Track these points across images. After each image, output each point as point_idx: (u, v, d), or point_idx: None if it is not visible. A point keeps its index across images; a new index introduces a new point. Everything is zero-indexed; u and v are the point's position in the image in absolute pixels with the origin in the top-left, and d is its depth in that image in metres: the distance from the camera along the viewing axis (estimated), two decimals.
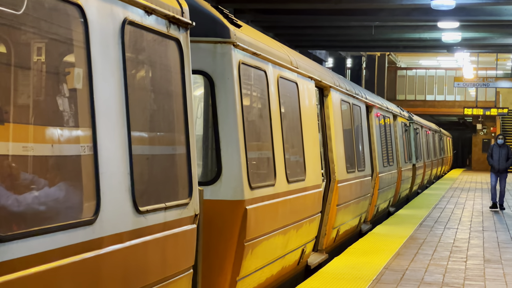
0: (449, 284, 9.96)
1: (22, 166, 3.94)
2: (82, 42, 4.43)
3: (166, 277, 5.41)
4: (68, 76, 4.44)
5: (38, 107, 4.12)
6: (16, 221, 3.76)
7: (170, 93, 5.80)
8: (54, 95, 4.30)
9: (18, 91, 4.01)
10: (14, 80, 3.99)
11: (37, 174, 4.05)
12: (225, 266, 7.26)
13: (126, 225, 4.79)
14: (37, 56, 4.26)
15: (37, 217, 3.95)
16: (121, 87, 4.83)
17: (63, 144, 4.30)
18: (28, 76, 4.15)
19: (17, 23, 3.95)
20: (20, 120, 4.08)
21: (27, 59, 4.17)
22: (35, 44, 4.24)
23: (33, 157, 4.06)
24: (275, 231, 8.44)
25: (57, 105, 4.30)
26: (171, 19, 5.68)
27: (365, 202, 15.40)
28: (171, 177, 5.74)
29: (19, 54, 4.08)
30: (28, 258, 3.70)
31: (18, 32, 4.01)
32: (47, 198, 4.03)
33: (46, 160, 4.16)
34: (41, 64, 4.31)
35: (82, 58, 4.43)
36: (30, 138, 4.01)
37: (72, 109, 4.40)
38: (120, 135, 4.77)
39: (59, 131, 4.29)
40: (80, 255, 4.21)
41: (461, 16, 23.20)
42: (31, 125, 4.10)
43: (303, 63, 10.52)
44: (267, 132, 8.37)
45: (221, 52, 7.31)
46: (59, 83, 4.35)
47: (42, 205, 4.01)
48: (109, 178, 4.57)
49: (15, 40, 4.05)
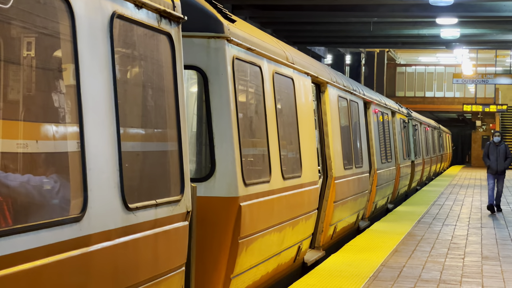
0: (446, 281, 9.89)
1: (7, 162, 3.86)
2: (68, 36, 4.34)
3: (157, 275, 5.33)
4: (55, 71, 4.36)
5: (24, 102, 4.03)
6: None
7: (161, 88, 5.71)
8: (40, 90, 4.21)
9: (4, 87, 3.93)
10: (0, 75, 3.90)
11: (23, 171, 3.97)
12: (219, 263, 7.18)
13: (115, 222, 4.71)
14: (25, 50, 4.18)
15: (21, 214, 3.87)
16: (109, 82, 4.74)
17: (50, 141, 4.21)
18: (14, 71, 4.07)
19: (5, 17, 3.86)
20: (5, 116, 4.00)
21: (13, 54, 4.08)
22: (22, 39, 4.16)
23: (19, 154, 3.98)
24: (271, 228, 8.36)
25: (44, 100, 4.22)
26: (162, 13, 5.59)
27: (363, 199, 15.32)
28: (162, 174, 5.66)
29: (5, 48, 3.99)
30: (11, 256, 3.62)
31: (7, 26, 3.92)
32: (33, 195, 3.95)
33: (31, 157, 4.07)
34: (28, 59, 4.23)
35: (69, 53, 4.34)
36: (17, 134, 3.92)
37: (59, 104, 4.31)
38: (109, 131, 4.69)
39: (46, 127, 4.20)
40: (66, 253, 4.12)
41: (460, 12, 23.10)
42: (18, 121, 4.01)
43: (299, 59, 10.43)
44: (262, 128, 8.29)
45: (214, 47, 7.22)
46: (46, 78, 4.26)
47: (28, 202, 3.93)
48: (97, 174, 4.48)
49: (2, 34, 3.96)
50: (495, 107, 53.97)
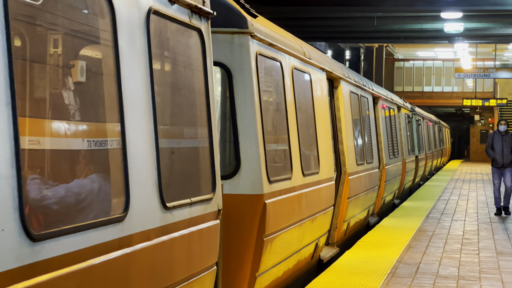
0: (465, 277, 9.82)
1: (58, 161, 3.77)
2: (109, 32, 4.25)
3: (191, 275, 5.25)
4: (96, 69, 4.27)
5: (70, 101, 3.94)
6: (48, 219, 3.59)
7: (193, 85, 5.63)
8: (85, 89, 4.12)
9: (45, 86, 3.84)
10: (37, 73, 3.81)
11: (72, 170, 3.88)
12: (244, 262, 7.10)
13: (154, 221, 4.62)
14: (64, 48, 4.08)
15: (70, 214, 3.78)
16: (147, 79, 4.66)
17: (95, 139, 4.12)
18: (51, 69, 3.97)
19: (52, 14, 3.78)
20: (43, 115, 3.90)
21: (57, 51, 3.98)
22: (64, 36, 4.06)
23: (65, 152, 3.89)
24: (292, 225, 8.29)
25: (87, 99, 4.13)
26: (193, 9, 5.51)
27: (373, 194, 15.26)
28: (195, 172, 5.57)
29: (50, 46, 3.90)
30: (61, 257, 3.53)
31: (54, 22, 3.83)
32: (80, 195, 3.86)
33: (78, 155, 3.98)
34: (67, 56, 4.13)
35: (111, 50, 4.25)
36: (67, 133, 3.83)
37: (102, 102, 4.23)
38: (147, 129, 4.60)
39: (91, 126, 4.12)
40: (110, 254, 4.04)
41: (465, 6, 23.02)
42: (69, 121, 3.91)
43: (315, 54, 10.35)
44: (283, 124, 8.20)
45: (238, 43, 7.13)
46: (90, 77, 4.16)
47: (75, 202, 3.85)
48: (137, 173, 4.40)
49: (36, 32, 3.87)
50: (495, 101, 53.92)
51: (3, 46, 3.17)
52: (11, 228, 3.12)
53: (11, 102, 3.17)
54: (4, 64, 3.15)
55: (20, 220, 3.16)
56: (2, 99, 3.12)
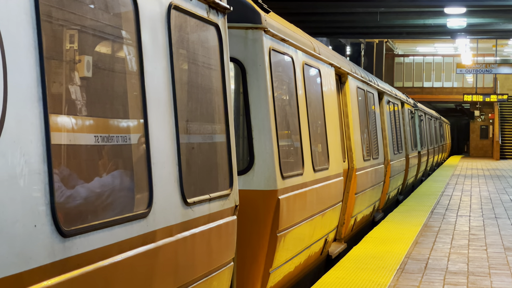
0: (475, 273, 9.82)
1: (82, 157, 3.75)
2: (132, 27, 4.23)
3: (211, 270, 5.24)
4: (121, 65, 4.25)
5: (97, 97, 3.92)
6: (78, 215, 3.58)
7: (211, 80, 5.61)
8: (110, 85, 4.10)
9: (72, 82, 3.82)
10: (65, 70, 3.79)
11: (98, 166, 3.87)
12: (258, 258, 7.09)
13: (176, 217, 4.61)
14: (98, 46, 4.06)
15: (98, 210, 3.77)
16: (168, 74, 4.64)
17: (121, 135, 4.11)
18: (85, 66, 3.95)
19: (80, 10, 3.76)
20: (73, 111, 3.89)
21: (84, 48, 3.96)
22: (93, 32, 4.04)
23: (93, 147, 3.87)
24: (304, 221, 8.28)
25: (113, 94, 4.11)
26: (211, 4, 5.49)
27: (379, 190, 15.26)
28: (213, 167, 5.56)
29: (80, 41, 3.88)
30: (90, 253, 3.52)
31: (81, 20, 3.81)
32: (107, 191, 3.85)
33: (105, 151, 3.97)
34: (96, 53, 4.11)
35: (134, 45, 4.23)
36: (96, 129, 3.82)
37: (126, 98, 4.21)
38: (169, 124, 4.59)
39: (116, 122, 4.10)
40: (135, 249, 4.03)
41: (469, 0, 22.99)
42: (96, 117, 3.90)
43: (324, 49, 10.33)
44: (295, 120, 8.19)
45: (252, 38, 7.11)
46: (114, 73, 4.15)
47: (102, 198, 3.83)
48: (160, 169, 4.38)
49: (62, 29, 3.85)
50: (496, 97, 53.89)
51: (35, 43, 3.15)
52: (43, 224, 3.11)
53: (42, 98, 3.16)
54: (36, 61, 3.13)
55: (52, 216, 3.15)
56: (34, 96, 3.10)
